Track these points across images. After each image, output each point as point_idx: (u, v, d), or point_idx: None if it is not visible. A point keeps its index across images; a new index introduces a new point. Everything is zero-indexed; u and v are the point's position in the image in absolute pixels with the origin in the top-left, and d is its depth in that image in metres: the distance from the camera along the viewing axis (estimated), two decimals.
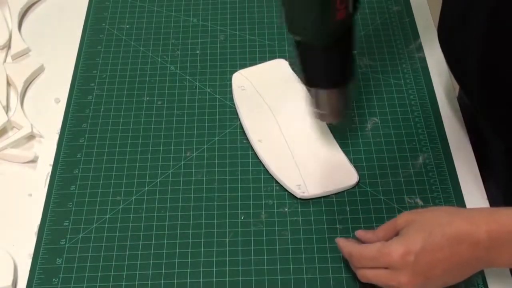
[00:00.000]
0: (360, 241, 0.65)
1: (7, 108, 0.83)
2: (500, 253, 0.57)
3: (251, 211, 0.72)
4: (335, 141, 0.77)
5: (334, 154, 0.76)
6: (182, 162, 0.77)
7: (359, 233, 0.66)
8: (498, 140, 0.76)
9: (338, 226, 0.71)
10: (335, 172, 0.75)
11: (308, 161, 0.75)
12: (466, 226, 0.57)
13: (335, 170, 0.75)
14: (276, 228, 0.71)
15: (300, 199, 0.73)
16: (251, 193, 0.74)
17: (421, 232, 0.58)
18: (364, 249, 0.61)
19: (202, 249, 0.70)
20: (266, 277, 0.67)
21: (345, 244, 0.64)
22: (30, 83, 0.87)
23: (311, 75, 0.64)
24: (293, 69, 0.84)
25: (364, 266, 0.61)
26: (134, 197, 0.74)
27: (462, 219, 0.58)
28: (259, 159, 0.76)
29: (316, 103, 0.65)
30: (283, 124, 0.79)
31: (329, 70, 0.63)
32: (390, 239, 0.61)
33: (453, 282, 0.60)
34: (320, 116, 0.67)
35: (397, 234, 0.61)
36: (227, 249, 0.69)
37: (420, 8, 0.94)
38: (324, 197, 0.73)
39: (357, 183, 0.74)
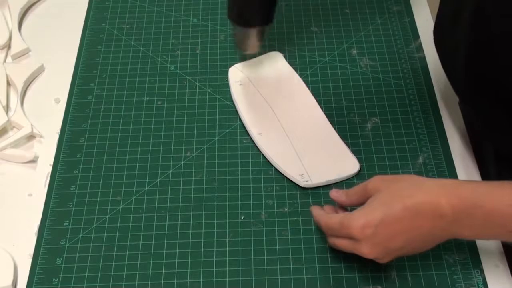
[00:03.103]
0: (335, 201, 0.68)
1: (7, 108, 0.83)
2: (462, 226, 0.59)
3: (251, 211, 0.72)
4: (334, 131, 0.78)
5: (335, 143, 0.77)
6: (182, 162, 0.77)
7: (333, 193, 0.68)
8: (489, 142, 0.76)
9: None
10: (336, 161, 0.75)
11: (309, 151, 0.76)
12: (427, 199, 0.59)
13: (336, 159, 0.75)
14: (276, 228, 0.71)
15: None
16: (251, 193, 0.74)
17: (382, 205, 0.60)
18: (329, 220, 0.64)
19: (202, 249, 0.70)
20: (266, 277, 0.67)
21: (316, 213, 0.67)
22: (30, 83, 0.87)
23: (248, 17, 0.78)
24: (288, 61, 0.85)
25: (331, 235, 0.65)
26: (134, 197, 0.74)
27: (423, 192, 0.59)
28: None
29: (245, 38, 0.80)
30: (281, 116, 0.79)
31: (264, 14, 0.78)
32: (361, 202, 0.63)
33: (419, 251, 0.63)
34: (243, 47, 0.81)
35: (368, 197, 0.63)
36: (227, 249, 0.69)
37: (420, 8, 0.94)
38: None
39: (359, 171, 0.74)
